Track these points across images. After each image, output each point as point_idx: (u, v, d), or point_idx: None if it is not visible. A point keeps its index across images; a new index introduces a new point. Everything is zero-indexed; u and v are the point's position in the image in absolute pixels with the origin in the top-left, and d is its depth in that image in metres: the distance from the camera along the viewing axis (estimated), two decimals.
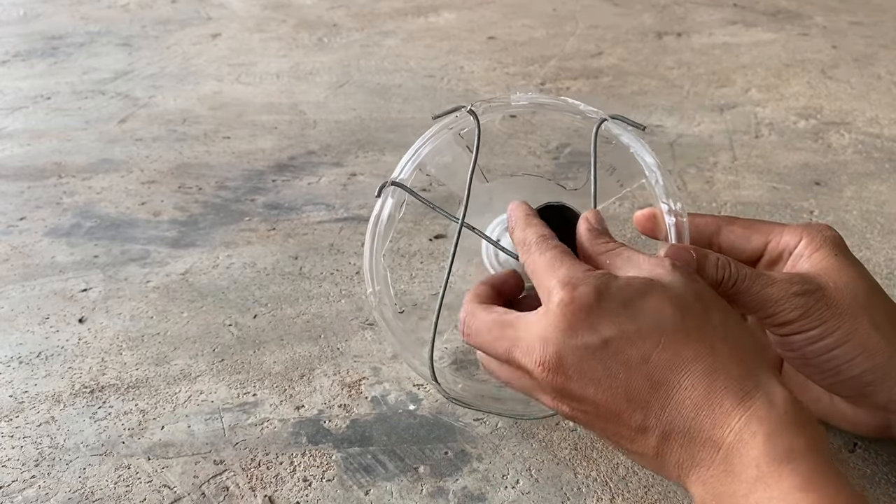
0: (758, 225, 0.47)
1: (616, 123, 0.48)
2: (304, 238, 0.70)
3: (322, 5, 1.48)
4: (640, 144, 0.49)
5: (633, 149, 0.49)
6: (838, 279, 0.43)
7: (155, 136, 0.92)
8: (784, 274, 0.43)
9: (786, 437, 0.34)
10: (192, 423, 0.49)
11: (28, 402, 0.51)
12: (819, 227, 0.45)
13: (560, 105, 0.50)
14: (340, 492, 0.44)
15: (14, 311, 0.60)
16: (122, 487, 0.44)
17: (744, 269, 0.42)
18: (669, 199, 0.47)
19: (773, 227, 0.46)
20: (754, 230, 0.46)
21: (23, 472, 0.46)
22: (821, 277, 0.43)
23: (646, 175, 0.48)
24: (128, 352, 0.56)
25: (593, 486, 0.44)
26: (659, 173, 0.48)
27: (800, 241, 0.45)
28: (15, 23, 1.38)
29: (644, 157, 0.48)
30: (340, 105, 1.00)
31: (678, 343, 0.36)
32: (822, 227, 0.46)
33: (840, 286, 0.42)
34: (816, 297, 0.41)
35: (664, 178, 0.47)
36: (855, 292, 0.42)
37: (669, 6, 1.46)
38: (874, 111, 0.97)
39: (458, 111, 0.48)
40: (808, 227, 0.45)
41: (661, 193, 0.47)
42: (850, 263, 0.44)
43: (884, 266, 0.64)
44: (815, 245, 0.44)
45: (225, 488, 0.44)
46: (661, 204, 0.47)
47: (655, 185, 0.47)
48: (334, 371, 0.53)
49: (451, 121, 0.48)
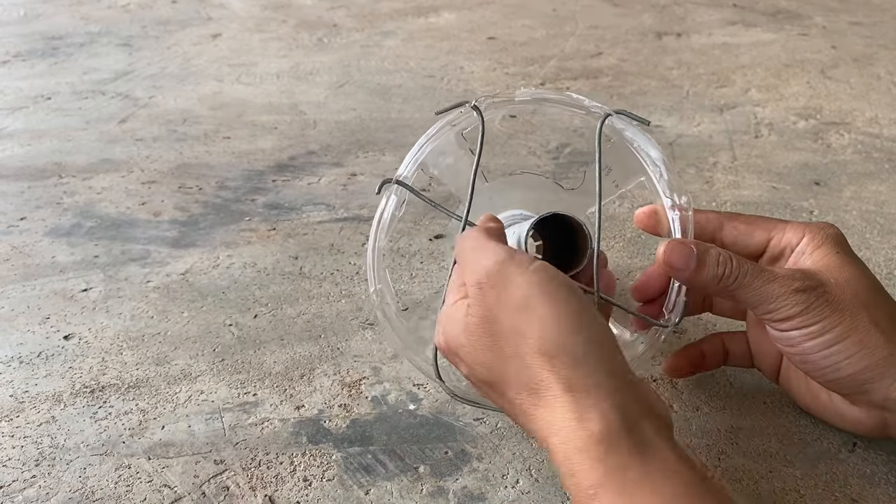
0: (760, 221, 0.47)
1: (620, 118, 0.48)
2: (305, 238, 0.70)
3: (322, 5, 1.48)
4: (645, 139, 0.49)
5: (637, 143, 0.49)
6: (839, 276, 0.43)
7: (155, 136, 0.92)
8: (786, 270, 0.43)
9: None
10: (193, 422, 0.49)
11: (28, 402, 0.51)
12: (821, 224, 0.46)
13: (565, 100, 0.50)
14: (340, 491, 0.44)
15: (14, 311, 0.60)
16: (123, 487, 0.44)
17: (745, 265, 0.43)
18: (674, 193, 0.47)
19: (776, 223, 0.46)
20: (757, 226, 0.47)
21: (23, 471, 0.46)
22: (822, 274, 0.43)
23: (647, 172, 0.48)
24: (128, 352, 0.56)
25: None
26: (664, 168, 0.48)
27: (802, 237, 0.45)
28: (15, 23, 1.38)
29: (649, 152, 0.49)
30: (340, 105, 1.01)
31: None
32: (825, 224, 0.46)
33: (841, 283, 0.42)
34: (817, 294, 0.42)
35: (669, 173, 0.48)
36: (856, 290, 0.42)
37: (669, 6, 1.46)
38: (874, 111, 0.97)
39: (461, 107, 0.48)
40: (811, 225, 0.46)
41: (665, 188, 0.47)
42: (852, 261, 0.44)
43: (884, 266, 0.64)
44: (818, 242, 0.45)
45: (225, 488, 0.44)
46: (665, 199, 0.47)
47: (660, 180, 0.48)
48: (334, 371, 0.54)
49: (455, 117, 0.48)
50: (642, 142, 0.49)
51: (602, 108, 0.49)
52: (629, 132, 0.49)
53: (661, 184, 0.48)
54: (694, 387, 0.52)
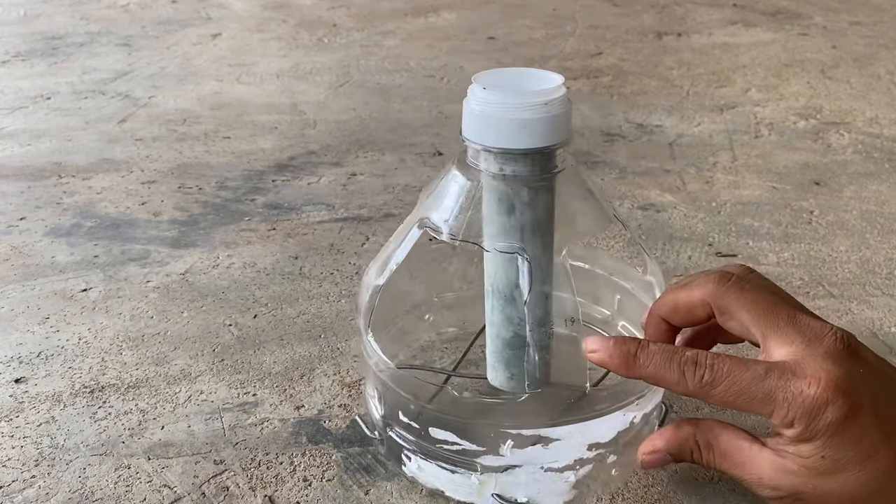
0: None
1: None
2: (304, 238, 0.70)
3: (322, 5, 1.48)
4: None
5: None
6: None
7: (155, 136, 0.92)
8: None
9: None
10: (193, 422, 0.49)
11: (28, 402, 0.51)
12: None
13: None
14: (340, 491, 0.44)
15: (14, 311, 0.60)
16: (122, 487, 0.44)
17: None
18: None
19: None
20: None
21: (23, 471, 0.46)
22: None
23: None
24: (128, 352, 0.56)
25: (593, 485, 0.44)
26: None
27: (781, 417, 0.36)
28: (15, 23, 1.38)
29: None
30: (340, 105, 1.01)
31: None
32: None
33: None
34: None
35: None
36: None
37: (669, 6, 1.46)
38: (874, 111, 0.97)
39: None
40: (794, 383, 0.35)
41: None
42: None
43: (884, 266, 0.64)
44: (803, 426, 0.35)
45: (225, 488, 0.44)
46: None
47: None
48: (334, 371, 0.53)
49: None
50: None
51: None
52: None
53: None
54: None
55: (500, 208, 0.39)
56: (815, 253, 0.66)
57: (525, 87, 0.39)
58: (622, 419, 0.42)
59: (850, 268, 0.64)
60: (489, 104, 0.38)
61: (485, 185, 0.40)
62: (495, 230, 0.40)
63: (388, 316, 0.49)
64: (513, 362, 0.42)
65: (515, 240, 0.40)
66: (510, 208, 0.39)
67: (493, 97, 0.38)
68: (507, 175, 0.39)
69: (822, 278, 0.63)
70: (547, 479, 0.41)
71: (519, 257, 0.40)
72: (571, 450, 0.41)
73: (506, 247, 0.40)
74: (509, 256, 0.40)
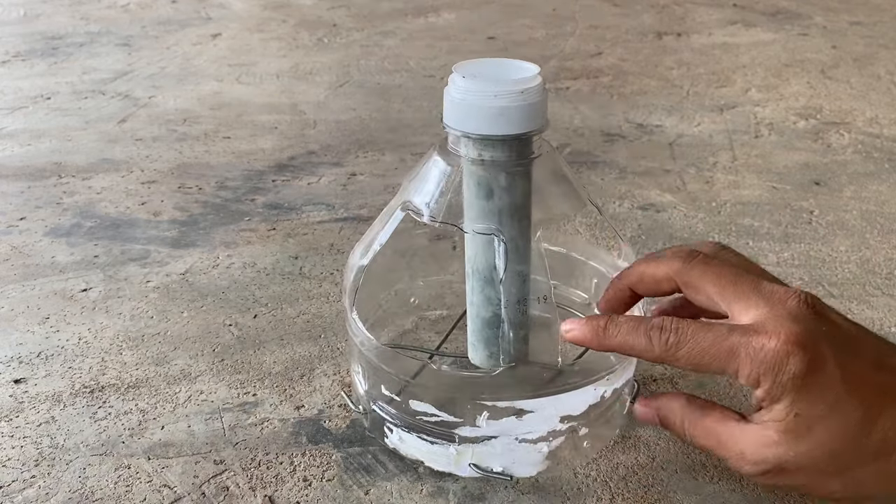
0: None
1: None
2: (304, 238, 0.70)
3: (322, 5, 1.49)
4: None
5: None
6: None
7: (155, 136, 0.92)
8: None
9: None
10: (192, 422, 0.49)
11: (28, 402, 0.51)
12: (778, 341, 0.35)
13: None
14: (340, 491, 0.44)
15: (14, 311, 0.60)
16: (122, 487, 0.44)
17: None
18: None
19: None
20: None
21: (23, 472, 0.46)
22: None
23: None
24: (128, 352, 0.56)
25: (593, 485, 0.44)
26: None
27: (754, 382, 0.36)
28: (15, 23, 1.38)
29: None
30: (340, 105, 1.01)
31: None
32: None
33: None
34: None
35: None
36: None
37: (669, 6, 1.46)
38: (874, 111, 0.97)
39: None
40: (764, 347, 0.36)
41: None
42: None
43: (884, 266, 0.64)
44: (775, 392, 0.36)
45: (225, 488, 0.44)
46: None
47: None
48: (334, 371, 0.53)
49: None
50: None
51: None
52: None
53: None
54: (694, 387, 0.52)
55: (479, 192, 0.41)
56: (815, 253, 0.66)
57: (503, 77, 0.40)
58: (593, 393, 0.44)
59: (850, 268, 0.64)
60: (469, 93, 0.39)
61: (465, 170, 0.41)
62: (474, 213, 0.42)
63: (373, 298, 0.52)
64: (492, 341, 0.44)
65: (494, 223, 0.41)
66: (489, 192, 0.41)
67: (472, 86, 0.39)
68: (486, 160, 0.40)
69: (822, 278, 0.63)
70: (521, 449, 0.43)
71: (496, 239, 0.41)
72: (544, 421, 0.43)
73: (483, 228, 0.41)
74: (488, 239, 0.41)
